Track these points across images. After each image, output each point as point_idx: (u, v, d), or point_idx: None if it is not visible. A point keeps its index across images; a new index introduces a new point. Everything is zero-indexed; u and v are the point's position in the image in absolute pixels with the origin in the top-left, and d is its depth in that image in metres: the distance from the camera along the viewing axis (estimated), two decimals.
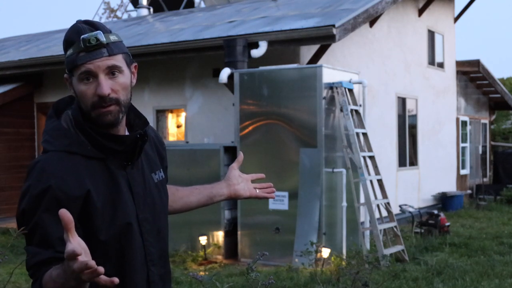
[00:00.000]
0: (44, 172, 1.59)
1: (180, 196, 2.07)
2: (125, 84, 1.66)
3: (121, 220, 1.64)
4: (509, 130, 24.82)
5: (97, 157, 1.65)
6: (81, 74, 1.61)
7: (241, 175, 2.13)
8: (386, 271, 6.77)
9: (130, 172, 1.72)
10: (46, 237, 1.55)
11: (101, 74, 1.60)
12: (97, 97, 1.60)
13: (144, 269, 1.72)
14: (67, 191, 1.57)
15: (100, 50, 1.60)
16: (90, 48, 1.60)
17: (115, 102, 1.63)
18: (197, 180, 7.90)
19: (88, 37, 1.60)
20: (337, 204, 7.49)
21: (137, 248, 1.68)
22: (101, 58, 1.60)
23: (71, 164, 1.61)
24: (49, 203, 1.55)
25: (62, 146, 1.63)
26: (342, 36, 7.89)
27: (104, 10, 25.67)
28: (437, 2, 12.98)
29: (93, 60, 1.59)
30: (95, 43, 1.59)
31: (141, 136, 1.70)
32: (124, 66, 1.66)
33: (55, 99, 11.11)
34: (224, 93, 8.98)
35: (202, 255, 7.77)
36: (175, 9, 14.25)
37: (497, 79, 15.65)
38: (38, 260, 1.53)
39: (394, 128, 11.24)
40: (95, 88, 1.60)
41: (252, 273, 2.76)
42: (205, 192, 2.09)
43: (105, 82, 1.61)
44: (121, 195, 1.66)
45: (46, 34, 14.16)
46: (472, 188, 15.07)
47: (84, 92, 1.62)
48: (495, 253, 8.00)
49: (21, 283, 6.29)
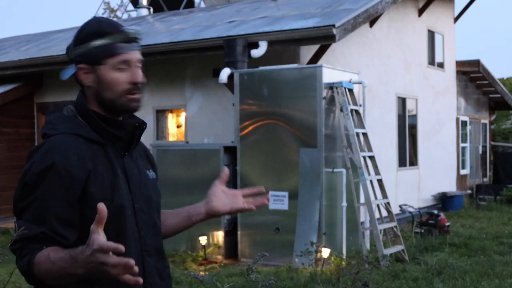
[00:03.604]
0: (49, 152, 1.63)
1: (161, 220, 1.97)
2: (144, 77, 1.80)
3: (116, 202, 1.69)
4: (509, 130, 24.83)
5: (98, 142, 1.72)
6: (118, 62, 1.72)
7: (226, 190, 1.95)
8: (386, 271, 6.77)
9: (127, 161, 1.79)
10: (42, 213, 1.59)
11: (136, 64, 1.75)
12: (132, 84, 1.73)
13: (139, 258, 1.73)
14: (71, 170, 1.62)
15: (137, 43, 1.77)
16: (130, 40, 1.74)
17: (142, 91, 1.79)
18: (197, 180, 7.90)
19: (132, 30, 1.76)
20: (337, 204, 7.49)
21: (131, 235, 1.71)
22: (137, 50, 1.76)
23: (74, 145, 1.67)
24: (51, 180, 1.60)
25: (66, 129, 1.70)
26: (342, 36, 7.89)
27: (104, 10, 25.67)
28: (437, 2, 12.98)
29: (132, 51, 1.74)
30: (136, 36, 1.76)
31: (139, 124, 1.79)
32: None
33: (55, 99, 11.12)
34: (224, 93, 8.98)
35: (202, 255, 7.77)
36: (175, 9, 14.25)
37: (497, 79, 15.65)
38: (29, 234, 1.56)
39: (394, 128, 11.24)
40: (129, 76, 1.73)
41: (253, 275, 2.76)
42: (183, 213, 1.99)
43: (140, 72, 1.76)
44: (119, 181, 1.72)
45: (46, 34, 14.16)
46: (472, 188, 15.06)
47: (117, 79, 1.72)
48: (495, 253, 7.99)
49: (21, 283, 6.29)
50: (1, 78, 11.52)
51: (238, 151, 7.78)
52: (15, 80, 11.44)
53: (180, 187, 8.01)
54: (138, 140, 1.82)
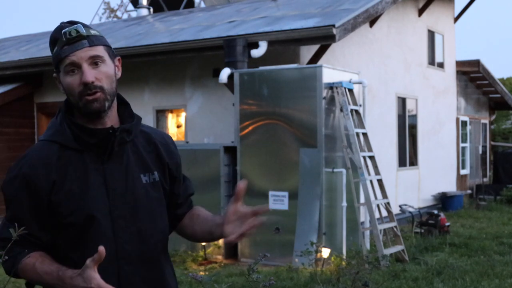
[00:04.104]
0: (23, 159, 1.74)
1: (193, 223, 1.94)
2: (108, 73, 1.72)
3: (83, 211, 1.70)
4: (509, 130, 24.84)
5: (75, 148, 1.73)
6: (66, 66, 1.69)
7: (238, 210, 1.74)
8: (386, 271, 6.77)
9: (109, 168, 1.74)
10: (15, 217, 1.71)
11: (84, 64, 1.68)
12: (83, 85, 1.67)
13: (113, 264, 1.71)
14: (34, 180, 1.69)
15: (81, 41, 1.68)
16: (71, 40, 1.68)
17: (100, 90, 1.69)
18: (197, 180, 7.89)
19: (68, 30, 1.69)
20: (337, 204, 7.49)
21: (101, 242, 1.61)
22: (83, 48, 1.68)
23: (45, 154, 1.72)
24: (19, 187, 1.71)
25: (46, 136, 1.77)
26: (342, 36, 7.89)
27: (104, 10, 25.66)
28: (437, 2, 12.98)
29: (75, 52, 1.67)
30: (75, 34, 1.68)
31: (114, 131, 1.72)
32: (106, 57, 1.73)
33: (55, 99, 11.12)
34: (224, 93, 8.98)
35: (202, 255, 7.78)
36: (175, 9, 14.25)
37: (497, 79, 15.65)
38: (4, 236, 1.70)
39: (394, 128, 11.24)
40: (80, 78, 1.67)
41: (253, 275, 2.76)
42: (209, 223, 1.88)
43: (88, 70, 1.67)
44: (89, 188, 1.71)
45: (46, 34, 14.14)
46: (472, 188, 15.06)
47: (70, 84, 1.69)
48: (495, 253, 7.99)
49: (21, 283, 6.29)
50: (1, 78, 11.52)
51: (238, 151, 7.78)
52: (15, 80, 11.43)
53: None
54: (113, 148, 1.73)
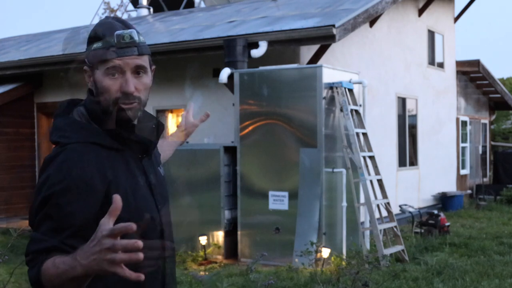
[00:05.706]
0: (65, 163, 1.57)
1: None
2: (147, 84, 1.69)
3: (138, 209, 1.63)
4: (509, 130, 24.84)
5: (116, 148, 1.66)
6: (108, 68, 1.63)
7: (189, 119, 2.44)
8: (386, 271, 6.77)
9: (146, 165, 1.74)
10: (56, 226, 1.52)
11: (128, 71, 1.63)
12: (122, 93, 1.63)
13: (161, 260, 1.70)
14: (89, 183, 1.55)
15: (131, 48, 1.64)
16: (123, 44, 1.63)
17: (138, 100, 1.65)
18: (197, 180, 7.90)
19: (122, 33, 1.63)
20: (337, 204, 7.49)
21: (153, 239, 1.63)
22: (131, 56, 1.63)
23: (93, 155, 1.60)
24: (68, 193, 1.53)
25: (82, 138, 1.63)
26: (342, 36, 7.89)
27: (104, 10, 25.66)
28: (437, 2, 12.98)
29: (123, 57, 1.62)
30: (128, 40, 1.63)
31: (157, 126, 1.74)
32: (148, 67, 1.70)
33: (55, 99, 11.12)
34: (224, 93, 8.98)
35: (202, 255, 7.77)
36: (175, 9, 14.25)
37: (497, 79, 15.65)
38: (42, 247, 1.50)
39: (394, 128, 11.24)
40: (121, 84, 1.63)
41: (252, 274, 2.76)
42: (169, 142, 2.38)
43: (131, 80, 1.63)
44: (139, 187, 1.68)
45: (46, 34, 14.15)
46: (472, 188, 15.06)
47: (108, 87, 1.63)
48: (495, 253, 7.99)
49: (22, 283, 6.29)
50: (1, 78, 11.52)
51: (238, 151, 7.78)
52: (15, 80, 11.44)
53: (180, 187, 8.00)
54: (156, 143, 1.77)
